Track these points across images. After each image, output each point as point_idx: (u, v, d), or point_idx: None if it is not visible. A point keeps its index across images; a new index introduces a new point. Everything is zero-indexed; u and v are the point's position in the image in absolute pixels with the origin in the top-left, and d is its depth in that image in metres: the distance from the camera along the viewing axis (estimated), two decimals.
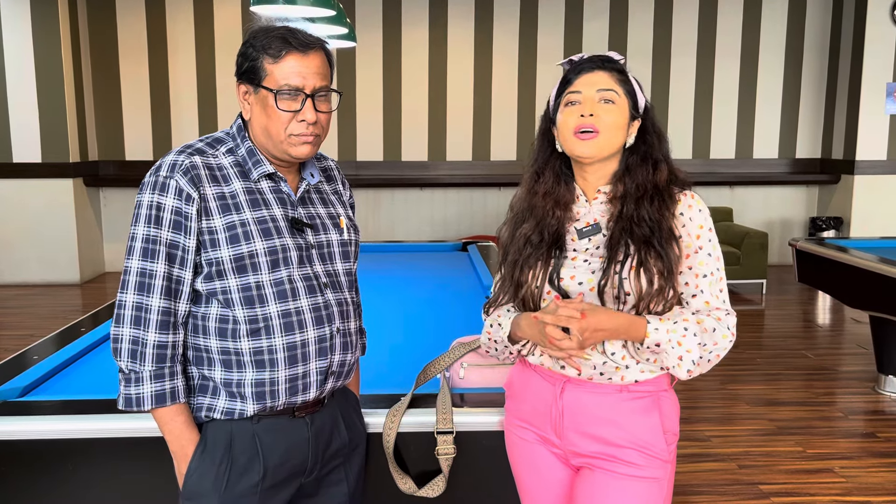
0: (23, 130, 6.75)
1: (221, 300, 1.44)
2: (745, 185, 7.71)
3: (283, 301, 1.45)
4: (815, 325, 5.97)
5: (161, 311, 1.41)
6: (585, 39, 7.50)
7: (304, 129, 1.45)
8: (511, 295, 1.57)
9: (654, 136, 1.54)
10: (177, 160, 1.43)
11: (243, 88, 1.47)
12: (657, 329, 1.42)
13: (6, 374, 1.98)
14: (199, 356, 1.47)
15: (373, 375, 1.81)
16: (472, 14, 7.47)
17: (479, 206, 7.66)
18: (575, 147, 1.50)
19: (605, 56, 1.53)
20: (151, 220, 1.40)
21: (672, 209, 1.49)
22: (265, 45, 1.43)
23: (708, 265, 1.49)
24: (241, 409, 1.46)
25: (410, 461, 1.73)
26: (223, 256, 1.42)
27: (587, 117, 1.47)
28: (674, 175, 1.53)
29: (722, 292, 1.50)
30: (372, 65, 7.44)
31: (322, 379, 1.50)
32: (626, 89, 1.51)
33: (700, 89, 7.67)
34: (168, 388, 1.42)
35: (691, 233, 1.49)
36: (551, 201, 1.55)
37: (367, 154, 7.62)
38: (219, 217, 1.42)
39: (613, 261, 1.46)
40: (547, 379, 1.55)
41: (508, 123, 7.64)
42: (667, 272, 1.44)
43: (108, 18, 7.27)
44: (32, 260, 6.93)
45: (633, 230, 1.46)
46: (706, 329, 1.45)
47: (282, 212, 1.48)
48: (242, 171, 1.47)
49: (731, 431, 3.71)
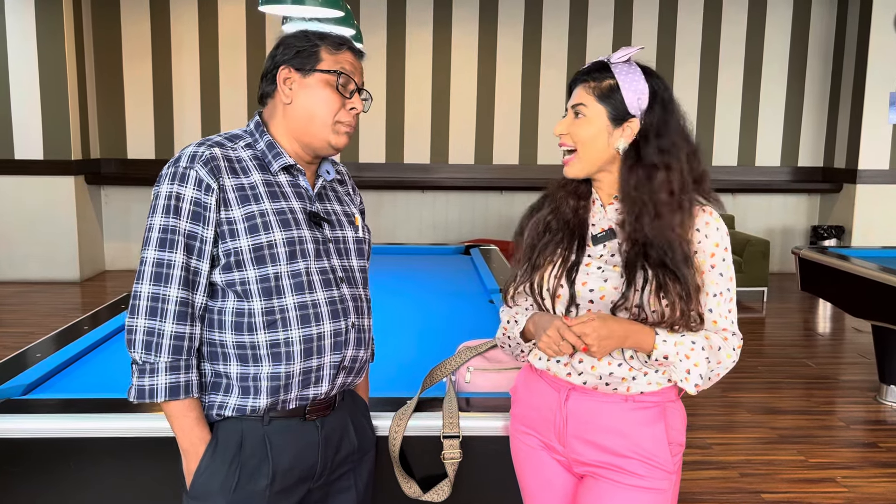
0: (25, 127, 6.74)
1: (239, 291, 1.43)
2: (748, 192, 7.70)
3: (300, 293, 1.45)
4: (817, 334, 5.96)
5: (179, 301, 1.39)
6: (589, 45, 7.50)
7: (350, 118, 1.49)
8: (528, 277, 1.54)
9: (653, 140, 1.43)
10: (197, 151, 1.43)
11: (286, 73, 1.47)
12: (665, 341, 1.41)
13: (9, 371, 1.97)
14: (214, 351, 1.46)
15: (378, 378, 1.80)
16: (477, 17, 7.47)
17: (481, 210, 7.66)
18: (563, 170, 1.52)
19: (592, 65, 1.50)
20: (171, 210, 1.40)
21: (686, 224, 1.43)
22: (321, 37, 1.48)
23: (719, 285, 1.47)
24: (254, 405, 1.44)
25: (416, 465, 1.72)
26: (242, 246, 1.41)
27: (562, 136, 1.49)
28: (684, 185, 1.43)
29: (731, 313, 1.48)
30: (375, 66, 7.43)
31: (334, 373, 1.49)
32: (602, 94, 1.45)
33: (703, 96, 7.67)
34: (183, 380, 1.40)
35: (705, 250, 1.46)
36: (564, 191, 1.55)
37: (370, 156, 7.61)
38: (238, 208, 1.42)
39: (632, 286, 1.42)
40: (552, 385, 1.54)
41: (511, 127, 7.64)
42: (685, 294, 1.40)
43: (112, 16, 7.26)
44: (32, 257, 6.92)
45: (647, 252, 1.42)
46: (712, 346, 1.44)
47: (300, 205, 1.49)
48: (261, 164, 1.48)
49: (731, 439, 3.70)
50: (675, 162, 1.44)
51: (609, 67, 1.48)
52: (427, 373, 1.84)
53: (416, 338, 2.54)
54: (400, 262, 3.99)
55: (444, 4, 7.43)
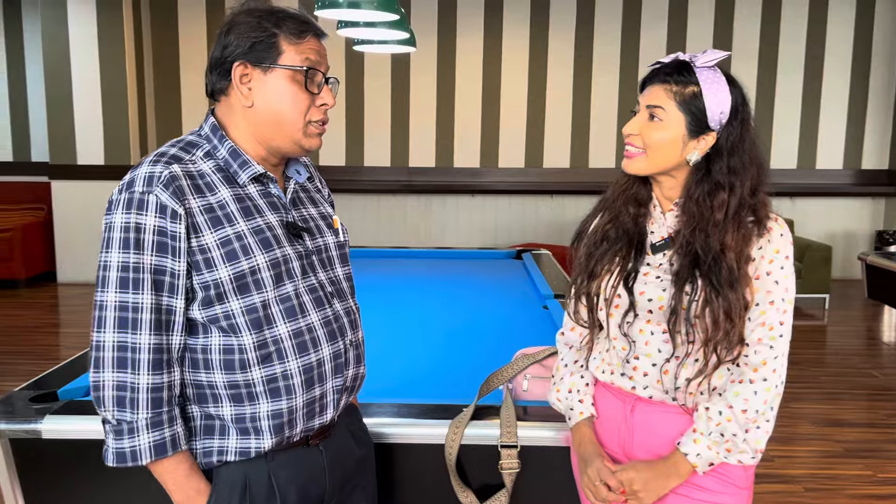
0: (87, 134, 6.93)
1: (224, 326, 1.27)
2: (807, 196, 7.46)
3: (292, 319, 1.30)
4: (882, 343, 5.73)
5: (152, 348, 1.22)
6: (643, 48, 7.37)
7: (321, 116, 1.33)
8: (585, 286, 1.50)
9: (725, 157, 1.38)
10: (154, 172, 1.23)
11: (241, 71, 1.28)
12: (699, 454, 1.36)
13: (71, 373, 2.00)
14: (202, 393, 1.29)
15: (433, 385, 1.77)
16: (528, 21, 7.42)
17: (531, 214, 7.59)
18: (622, 162, 1.47)
19: (674, 63, 1.41)
20: (130, 244, 1.21)
21: (740, 245, 1.36)
22: (278, 23, 1.28)
23: (772, 293, 1.37)
24: (258, 447, 1.30)
25: (472, 474, 1.68)
26: (221, 277, 1.24)
27: (632, 136, 1.42)
28: (740, 207, 1.37)
29: (782, 326, 1.37)
30: (426, 70, 7.44)
31: (338, 398, 1.39)
32: (684, 101, 1.38)
33: (761, 97, 7.46)
34: (168, 435, 1.24)
35: (764, 256, 1.37)
36: (624, 197, 1.49)
37: (420, 160, 7.61)
38: (210, 232, 1.24)
39: (680, 297, 1.36)
40: (617, 396, 1.50)
41: (562, 131, 7.56)
42: (729, 314, 1.33)
43: (170, 24, 7.44)
44: (94, 259, 7.10)
45: (698, 265, 1.36)
46: (746, 410, 1.36)
47: (276, 217, 1.33)
48: (226, 177, 1.30)
49: (794, 452, 3.56)
50: (738, 184, 1.38)
51: (692, 69, 1.39)
52: (483, 380, 1.81)
53: (470, 344, 2.50)
54: (451, 267, 3.96)
55: (496, 8, 7.40)
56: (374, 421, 1.67)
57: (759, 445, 1.40)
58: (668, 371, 1.41)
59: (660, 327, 1.41)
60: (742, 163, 1.39)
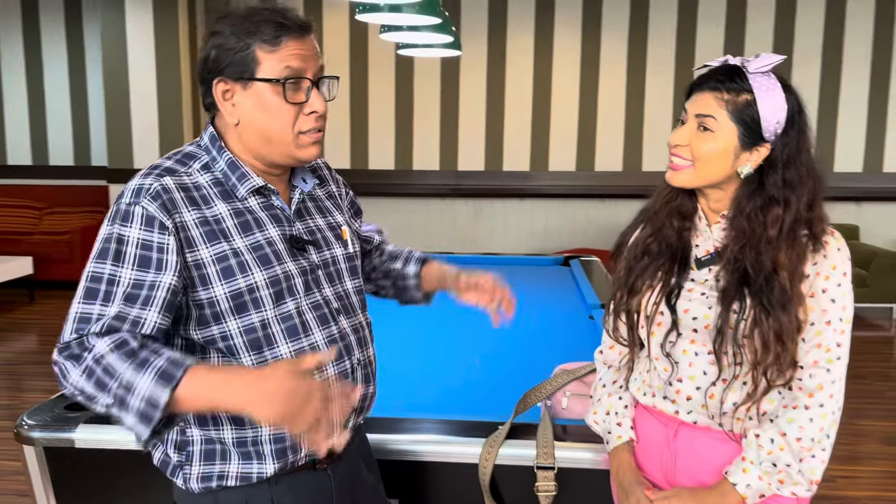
0: (144, 137, 7.10)
1: (222, 348, 1.23)
2: (874, 200, 7.14)
3: (294, 339, 1.25)
4: None
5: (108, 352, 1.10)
6: (698, 49, 7.16)
7: (313, 124, 1.25)
8: (625, 303, 1.42)
9: (780, 169, 1.29)
10: (143, 184, 1.19)
11: (222, 87, 1.23)
12: (749, 485, 1.28)
13: None
14: (203, 417, 1.24)
15: (467, 402, 1.71)
16: (580, 22, 7.29)
17: (582, 219, 7.46)
18: (666, 174, 1.36)
19: (724, 68, 1.31)
20: (108, 255, 1.16)
21: (794, 262, 1.27)
22: (252, 30, 1.20)
23: (828, 312, 1.27)
24: (260, 472, 1.25)
25: (507, 495, 1.62)
26: (217, 295, 1.20)
27: (680, 147, 1.32)
28: (795, 223, 1.28)
29: (840, 348, 1.28)
30: (475, 73, 7.39)
31: (346, 420, 1.31)
32: (737, 111, 1.28)
33: (824, 98, 7.17)
34: (163, 362, 1.08)
35: (820, 272, 1.28)
36: (667, 209, 1.40)
37: (469, 164, 7.56)
38: (205, 247, 1.20)
39: (727, 316, 1.27)
40: (659, 420, 1.41)
41: (615, 134, 7.40)
42: (779, 336, 1.24)
43: None
44: None
45: (747, 282, 1.27)
46: (801, 438, 1.28)
47: (278, 231, 1.27)
48: (224, 191, 1.25)
49: (858, 472, 3.38)
50: (794, 199, 1.28)
51: (744, 75, 1.29)
52: (520, 397, 1.74)
53: (508, 358, 2.43)
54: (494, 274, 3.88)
55: (546, 9, 7.30)
56: (405, 437, 1.63)
57: (815, 476, 1.30)
58: (714, 395, 1.32)
59: (705, 348, 1.32)
60: (799, 175, 1.29)
